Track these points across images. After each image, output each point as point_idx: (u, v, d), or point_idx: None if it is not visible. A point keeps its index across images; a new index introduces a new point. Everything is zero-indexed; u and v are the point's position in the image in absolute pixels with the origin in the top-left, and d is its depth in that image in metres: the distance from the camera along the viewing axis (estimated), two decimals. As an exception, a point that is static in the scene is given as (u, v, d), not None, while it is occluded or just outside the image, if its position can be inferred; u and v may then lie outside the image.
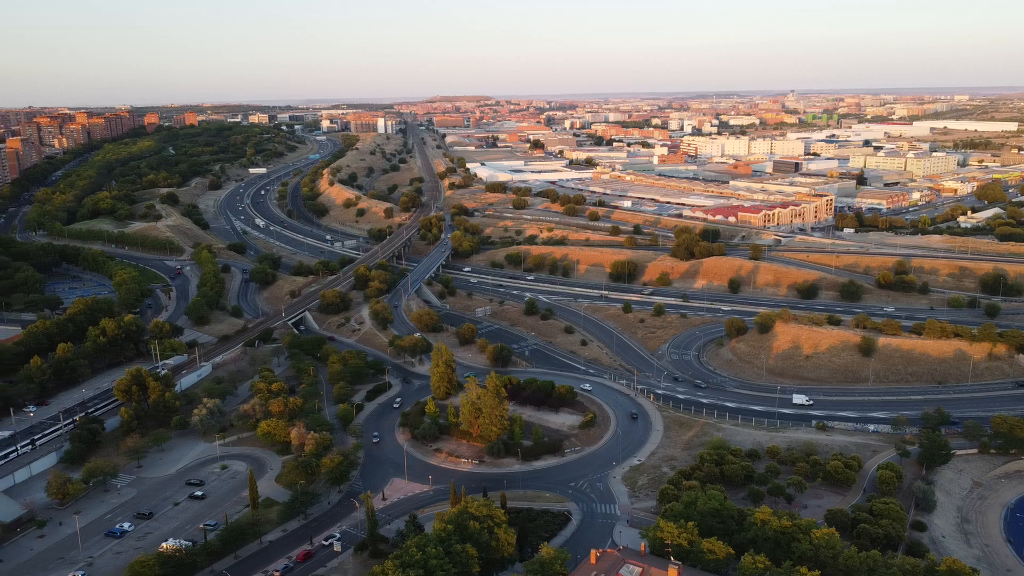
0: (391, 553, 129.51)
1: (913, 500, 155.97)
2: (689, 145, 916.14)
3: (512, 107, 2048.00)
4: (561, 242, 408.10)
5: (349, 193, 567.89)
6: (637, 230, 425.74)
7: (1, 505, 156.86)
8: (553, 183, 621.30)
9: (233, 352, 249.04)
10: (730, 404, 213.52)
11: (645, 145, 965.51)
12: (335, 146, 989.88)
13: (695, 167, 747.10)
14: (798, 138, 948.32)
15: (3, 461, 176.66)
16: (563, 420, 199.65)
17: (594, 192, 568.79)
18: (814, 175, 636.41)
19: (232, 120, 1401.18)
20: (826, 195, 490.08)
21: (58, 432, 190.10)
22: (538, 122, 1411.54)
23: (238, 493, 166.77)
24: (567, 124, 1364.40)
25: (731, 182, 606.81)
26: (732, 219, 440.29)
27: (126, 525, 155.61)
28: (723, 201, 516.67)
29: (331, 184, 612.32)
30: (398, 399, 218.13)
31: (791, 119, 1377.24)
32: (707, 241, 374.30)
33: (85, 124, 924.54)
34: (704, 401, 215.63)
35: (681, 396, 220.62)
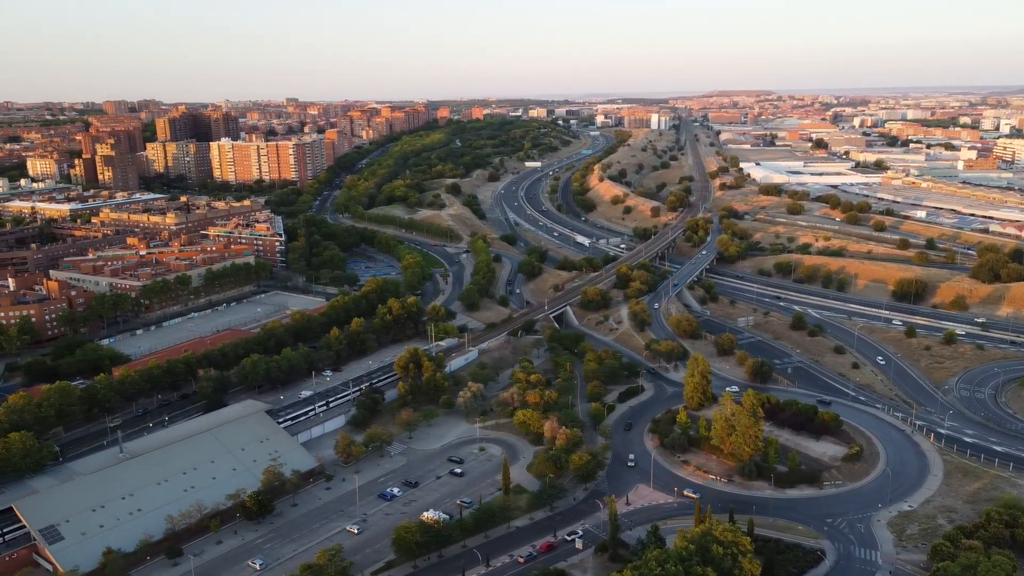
0: (630, 561, 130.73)
1: None
2: (1005, 148, 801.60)
3: (795, 102, 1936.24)
4: (838, 253, 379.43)
5: (617, 190, 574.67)
6: (930, 245, 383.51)
7: (300, 456, 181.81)
8: (835, 187, 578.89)
9: (498, 340, 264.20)
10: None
11: (948, 147, 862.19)
12: (607, 141, 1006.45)
13: (1010, 175, 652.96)
14: None
15: (304, 417, 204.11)
16: (824, 449, 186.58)
17: (882, 199, 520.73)
18: None
19: (513, 114, 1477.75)
20: None
21: (347, 397, 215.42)
22: (823, 119, 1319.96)
23: (492, 476, 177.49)
24: (856, 122, 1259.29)
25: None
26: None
27: (396, 490, 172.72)
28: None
29: (600, 180, 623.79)
30: (647, 403, 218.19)
31: None
32: (1018, 263, 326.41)
33: (388, 117, 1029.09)
34: (997, 449, 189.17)
35: (969, 440, 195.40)
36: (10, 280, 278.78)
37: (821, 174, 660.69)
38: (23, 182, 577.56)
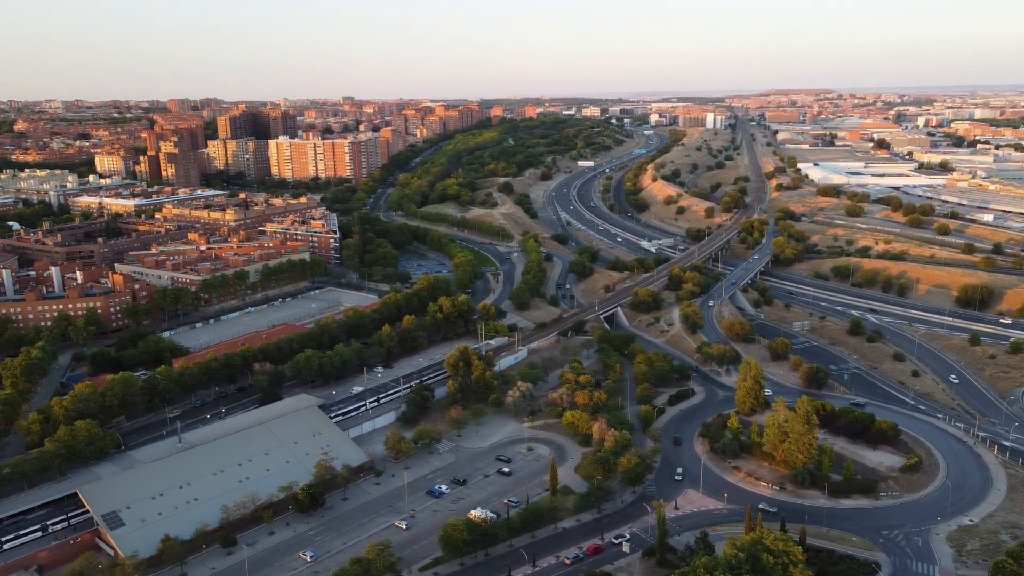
0: (678, 567, 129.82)
1: None
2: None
3: (856, 101, 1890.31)
4: (899, 257, 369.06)
5: (670, 190, 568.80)
6: (998, 249, 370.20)
7: (351, 451, 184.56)
8: (896, 189, 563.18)
9: (548, 340, 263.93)
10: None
11: (1019, 148, 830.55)
12: (661, 141, 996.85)
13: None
14: None
15: (355, 413, 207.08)
16: (880, 459, 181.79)
17: (946, 202, 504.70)
18: None
19: (567, 113, 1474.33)
20: None
21: (398, 394, 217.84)
22: (885, 119, 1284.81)
23: (540, 476, 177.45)
24: (920, 121, 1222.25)
25: None
26: None
27: (444, 487, 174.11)
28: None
29: (654, 180, 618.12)
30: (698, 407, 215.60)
31: None
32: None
33: (442, 116, 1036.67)
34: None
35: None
36: (78, 273, 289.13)
37: (882, 175, 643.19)
38: (91, 178, 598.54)
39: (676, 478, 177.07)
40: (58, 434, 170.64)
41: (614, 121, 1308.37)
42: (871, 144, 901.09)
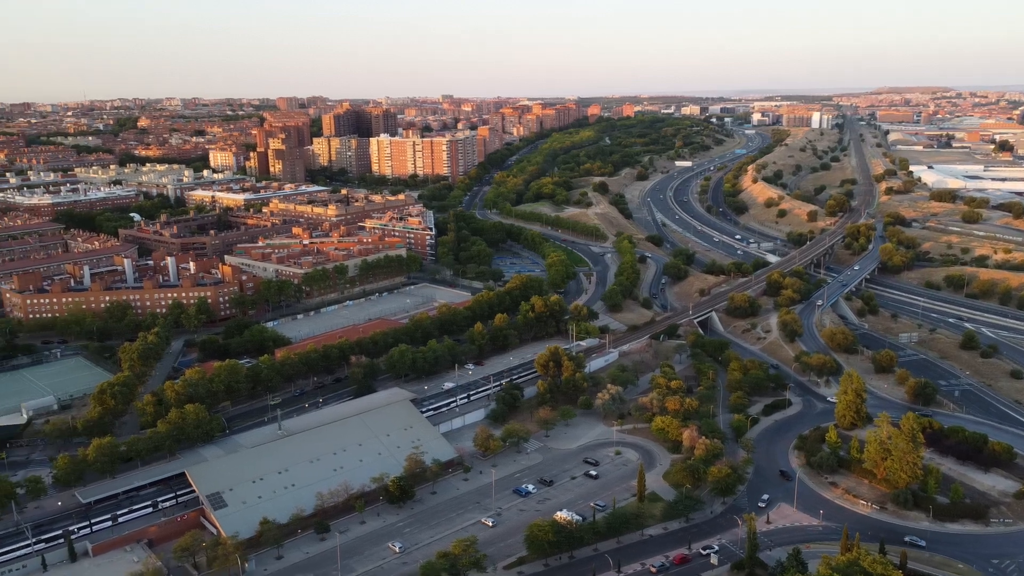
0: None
1: None
2: None
3: (976, 100, 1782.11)
4: (1020, 267, 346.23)
5: (772, 192, 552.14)
6: None
7: (441, 446, 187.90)
8: (1019, 195, 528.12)
9: (639, 343, 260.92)
10: None
11: None
12: (763, 141, 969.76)
13: None
14: None
15: (445, 408, 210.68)
16: (993, 483, 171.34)
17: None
18: None
19: (665, 112, 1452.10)
20: None
21: (487, 392, 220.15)
22: (1009, 119, 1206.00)
23: (627, 481, 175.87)
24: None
25: None
26: None
27: (530, 487, 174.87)
28: None
29: (754, 181, 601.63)
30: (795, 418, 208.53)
31: None
32: None
33: (539, 115, 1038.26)
34: None
35: None
36: (191, 263, 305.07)
37: (1004, 179, 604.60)
38: (205, 173, 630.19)
39: (760, 504, 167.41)
40: (170, 416, 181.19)
41: (714, 120, 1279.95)
42: (992, 146, 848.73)
